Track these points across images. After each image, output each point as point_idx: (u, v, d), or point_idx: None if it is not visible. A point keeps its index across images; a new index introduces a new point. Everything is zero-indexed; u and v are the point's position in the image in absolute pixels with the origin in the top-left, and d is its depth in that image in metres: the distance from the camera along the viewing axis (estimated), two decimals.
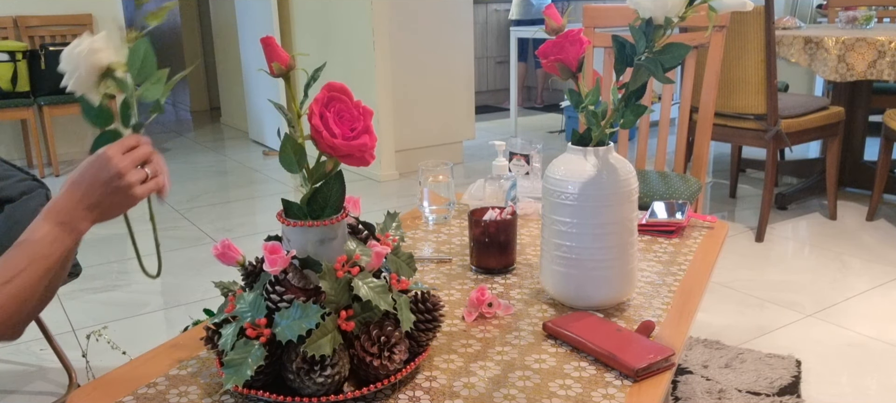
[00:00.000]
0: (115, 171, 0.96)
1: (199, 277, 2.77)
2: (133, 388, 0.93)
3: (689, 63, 2.10)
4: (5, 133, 4.82)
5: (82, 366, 2.02)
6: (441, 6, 4.38)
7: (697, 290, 1.20)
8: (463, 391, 0.91)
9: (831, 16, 4.36)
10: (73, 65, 0.94)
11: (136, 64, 0.97)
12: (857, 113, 3.55)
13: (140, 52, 0.97)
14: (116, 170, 0.96)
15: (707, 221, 1.53)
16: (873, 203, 3.25)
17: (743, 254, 2.91)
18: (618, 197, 1.08)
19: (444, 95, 4.53)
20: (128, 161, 0.97)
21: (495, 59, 7.40)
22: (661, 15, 0.98)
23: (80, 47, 0.94)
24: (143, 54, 0.97)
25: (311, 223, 0.90)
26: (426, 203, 1.59)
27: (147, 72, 0.97)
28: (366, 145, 0.89)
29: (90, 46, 0.94)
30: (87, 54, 0.94)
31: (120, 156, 0.97)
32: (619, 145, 2.24)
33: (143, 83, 0.97)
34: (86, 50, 0.94)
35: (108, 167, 0.96)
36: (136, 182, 0.97)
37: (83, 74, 0.95)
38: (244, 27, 5.32)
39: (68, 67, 0.95)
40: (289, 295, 0.86)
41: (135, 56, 0.97)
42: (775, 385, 1.92)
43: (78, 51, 0.94)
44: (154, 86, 0.97)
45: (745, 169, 4.17)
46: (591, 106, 1.09)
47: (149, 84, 0.97)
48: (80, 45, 0.94)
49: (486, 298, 1.11)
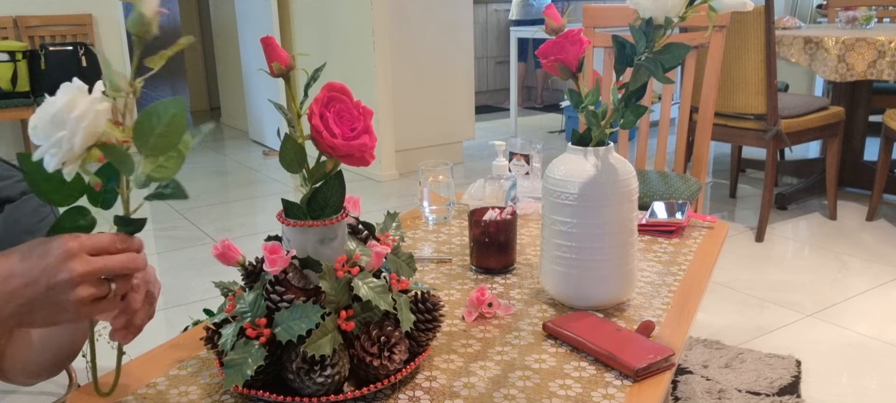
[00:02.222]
0: (68, 277, 0.68)
1: (199, 277, 2.76)
2: (133, 388, 0.93)
3: (689, 63, 2.10)
4: (5, 133, 4.82)
5: (82, 366, 2.01)
6: (441, 6, 4.38)
7: (697, 290, 1.20)
8: (463, 391, 0.91)
9: (831, 16, 4.36)
10: (69, 132, 0.65)
11: (150, 136, 0.67)
12: (857, 113, 3.55)
13: (162, 119, 0.67)
14: (70, 276, 0.68)
15: (707, 221, 1.52)
16: (873, 203, 3.25)
17: (743, 254, 2.91)
18: (618, 197, 1.08)
19: (444, 95, 4.53)
20: (89, 267, 0.69)
21: (495, 59, 7.40)
22: (661, 15, 0.98)
23: (77, 108, 0.65)
24: (166, 123, 0.67)
25: (311, 223, 0.90)
26: (426, 203, 1.59)
27: (167, 145, 0.68)
28: (366, 145, 0.89)
29: (91, 107, 0.66)
30: (87, 116, 0.66)
31: (84, 257, 0.69)
32: (619, 145, 2.24)
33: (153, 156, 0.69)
34: (86, 111, 0.66)
35: (62, 267, 0.68)
36: (86, 298, 0.69)
37: (78, 146, 0.66)
38: (244, 27, 5.32)
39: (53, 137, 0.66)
40: (289, 295, 0.86)
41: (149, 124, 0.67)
42: (775, 385, 1.92)
43: (75, 115, 0.65)
44: (170, 162, 0.69)
45: (745, 169, 4.17)
46: (591, 106, 1.09)
47: (163, 159, 0.68)
48: (74, 105, 0.66)
49: (486, 298, 1.11)
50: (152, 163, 0.68)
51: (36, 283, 0.68)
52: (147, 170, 0.68)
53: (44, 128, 0.66)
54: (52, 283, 0.67)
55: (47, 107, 0.67)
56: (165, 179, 0.69)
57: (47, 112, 0.66)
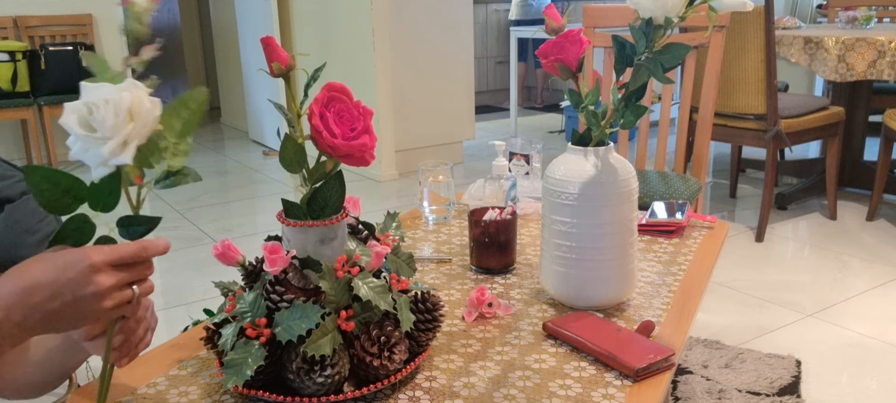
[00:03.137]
0: (95, 291, 0.68)
1: (199, 277, 2.76)
2: (133, 388, 0.93)
3: (689, 63, 2.10)
4: (5, 133, 4.82)
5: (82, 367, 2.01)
6: (441, 6, 4.38)
7: (697, 290, 1.20)
8: (463, 391, 0.91)
9: (831, 16, 4.36)
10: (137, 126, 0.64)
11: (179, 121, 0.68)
12: (857, 113, 3.55)
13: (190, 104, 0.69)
14: (97, 290, 0.68)
15: (707, 221, 1.53)
16: (873, 203, 3.25)
17: (743, 254, 2.91)
18: (618, 197, 1.08)
19: (444, 95, 4.53)
20: (115, 279, 0.69)
21: (495, 59, 7.40)
22: (661, 15, 0.98)
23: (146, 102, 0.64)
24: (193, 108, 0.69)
25: (311, 223, 0.90)
26: (426, 203, 1.59)
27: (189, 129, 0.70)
28: (366, 145, 0.89)
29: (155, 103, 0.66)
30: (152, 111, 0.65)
31: (109, 270, 0.69)
32: (619, 145, 2.24)
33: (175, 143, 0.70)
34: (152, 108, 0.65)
35: (88, 281, 0.67)
36: (112, 307, 0.70)
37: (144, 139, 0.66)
38: (244, 27, 5.32)
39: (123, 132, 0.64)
40: (289, 295, 0.86)
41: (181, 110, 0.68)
42: (775, 385, 1.92)
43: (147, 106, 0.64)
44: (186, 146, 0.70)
45: (745, 169, 4.17)
46: (591, 106, 1.09)
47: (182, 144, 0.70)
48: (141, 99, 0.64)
49: (486, 298, 1.11)
50: (175, 145, 0.69)
51: (62, 296, 0.67)
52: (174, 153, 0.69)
53: (113, 127, 0.63)
54: (79, 296, 0.67)
55: (110, 107, 0.63)
56: (182, 161, 0.70)
57: (112, 111, 0.63)
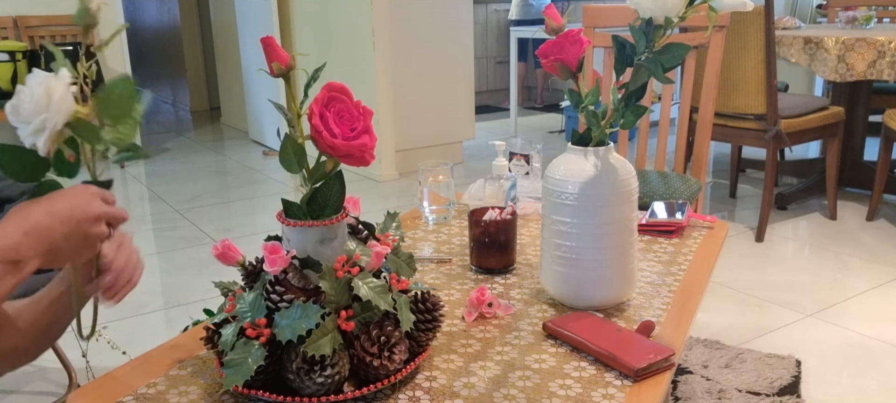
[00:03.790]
0: (95, 215, 0.82)
1: (199, 277, 2.76)
2: (133, 388, 0.93)
3: (689, 63, 2.10)
4: (5, 133, 4.82)
5: (82, 366, 2.01)
6: (441, 6, 4.38)
7: (697, 290, 1.20)
8: (463, 391, 0.91)
9: (831, 16, 4.36)
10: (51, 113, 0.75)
11: (109, 108, 0.80)
12: (857, 113, 3.55)
13: (115, 92, 0.80)
14: (96, 215, 0.82)
15: (707, 221, 1.53)
16: (873, 203, 3.25)
17: (743, 254, 2.91)
18: (618, 197, 1.08)
19: (444, 95, 4.53)
20: (106, 209, 0.85)
21: (495, 59, 7.40)
22: (661, 15, 0.98)
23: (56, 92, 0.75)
24: (118, 95, 0.80)
25: (311, 223, 0.90)
26: (426, 203, 1.59)
27: (122, 115, 0.81)
28: (366, 145, 0.89)
29: (66, 90, 0.77)
30: (66, 98, 0.76)
31: (101, 202, 0.84)
32: (619, 145, 2.24)
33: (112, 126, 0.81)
34: (63, 93, 0.76)
35: (90, 208, 0.82)
36: (103, 234, 0.84)
37: (60, 124, 0.76)
38: (244, 27, 5.32)
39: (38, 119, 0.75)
40: (289, 295, 0.86)
41: (109, 99, 0.81)
42: (775, 385, 1.92)
43: (56, 97, 0.75)
44: (128, 128, 0.81)
45: (745, 169, 4.17)
46: (591, 106, 1.09)
47: (118, 122, 0.81)
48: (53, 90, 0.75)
49: (486, 298, 1.11)
50: (112, 132, 0.81)
51: (70, 221, 0.80)
52: (108, 136, 0.80)
53: (27, 114, 0.75)
54: (86, 217, 0.81)
55: (26, 93, 0.76)
56: (126, 143, 0.82)
57: (28, 100, 0.75)
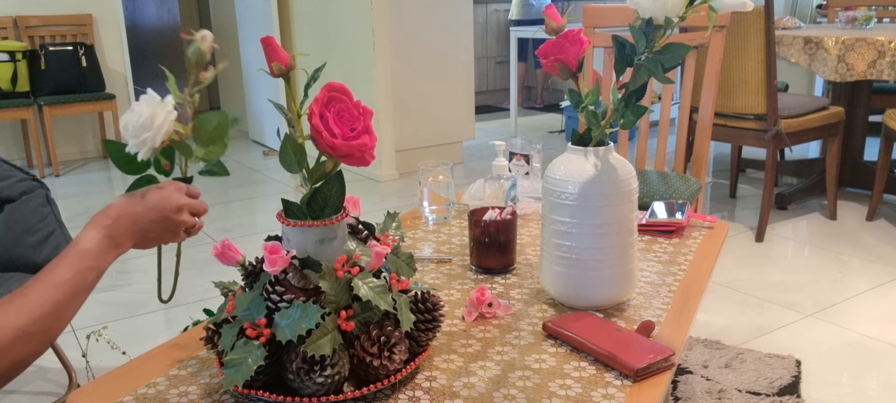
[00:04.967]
0: (178, 206, 1.00)
1: (199, 277, 2.76)
2: (133, 388, 0.93)
3: (689, 63, 2.10)
4: (5, 133, 4.82)
5: (82, 366, 2.02)
6: (441, 6, 4.38)
7: (697, 290, 1.20)
8: (463, 391, 0.91)
9: (831, 16, 4.36)
10: (152, 134, 0.92)
11: (205, 134, 0.97)
12: (857, 113, 3.55)
13: (212, 123, 0.97)
14: (179, 206, 1.00)
15: (707, 221, 1.53)
16: (873, 203, 3.25)
17: (743, 254, 2.91)
18: (618, 197, 1.08)
19: (444, 95, 4.53)
20: (192, 205, 1.03)
21: (495, 59, 7.40)
22: (661, 15, 0.98)
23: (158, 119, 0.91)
24: (214, 125, 0.97)
25: (311, 223, 0.90)
26: (426, 203, 1.59)
27: (214, 140, 0.98)
28: (366, 145, 0.89)
29: (167, 117, 0.92)
30: (165, 124, 0.92)
31: (184, 196, 1.02)
32: (619, 145, 2.24)
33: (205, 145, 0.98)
34: (164, 120, 0.92)
35: (175, 200, 0.99)
36: (188, 224, 1.02)
37: (158, 143, 0.93)
38: (244, 27, 5.32)
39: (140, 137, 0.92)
40: (289, 295, 0.86)
41: (204, 126, 0.97)
42: (775, 385, 1.92)
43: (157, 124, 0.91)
44: (217, 149, 0.98)
45: (745, 169, 4.17)
46: (591, 106, 1.09)
47: (211, 145, 0.97)
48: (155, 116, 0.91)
49: (486, 298, 1.11)
50: (203, 151, 0.97)
51: (159, 210, 0.98)
52: (200, 154, 0.97)
53: (134, 131, 0.92)
54: (172, 209, 0.99)
55: (135, 117, 0.92)
56: (213, 161, 0.98)
57: (136, 120, 0.91)
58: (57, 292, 0.87)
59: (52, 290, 0.87)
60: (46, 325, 0.86)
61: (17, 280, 1.51)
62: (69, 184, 4.38)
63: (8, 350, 0.83)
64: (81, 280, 0.90)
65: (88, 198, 4.04)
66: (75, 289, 0.89)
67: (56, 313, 0.87)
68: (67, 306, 0.89)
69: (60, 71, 4.54)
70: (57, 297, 0.87)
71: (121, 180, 4.48)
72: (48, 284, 0.87)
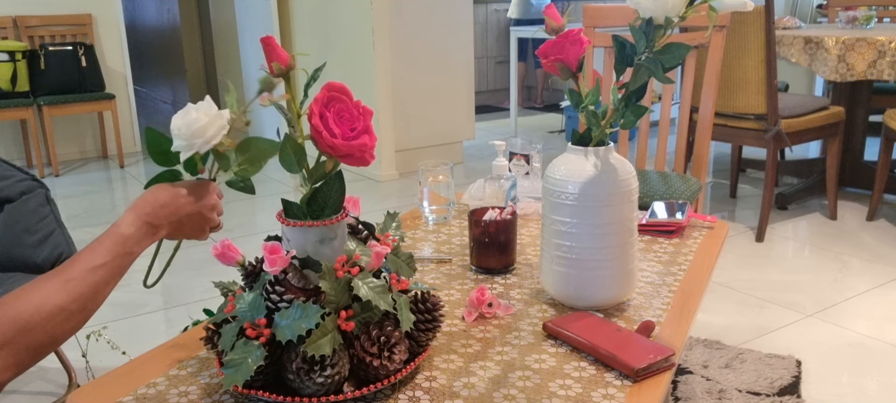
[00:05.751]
0: (213, 204, 1.04)
1: (199, 277, 2.76)
2: (133, 388, 0.93)
3: (689, 63, 2.09)
4: (5, 133, 4.82)
5: (82, 366, 2.01)
6: (441, 6, 4.38)
7: (697, 290, 1.20)
8: (463, 391, 0.91)
9: (831, 16, 4.36)
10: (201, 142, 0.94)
11: (249, 152, 0.99)
12: (857, 113, 3.55)
13: (259, 147, 0.99)
14: (213, 204, 1.05)
15: (707, 221, 1.52)
16: (873, 203, 3.25)
17: (743, 254, 2.91)
18: (618, 197, 1.08)
19: (444, 95, 4.53)
20: (217, 202, 1.07)
21: (495, 59, 7.40)
22: (662, 15, 0.98)
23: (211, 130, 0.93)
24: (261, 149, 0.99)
25: (311, 223, 0.90)
26: (426, 203, 1.59)
27: (254, 161, 1.00)
28: (366, 145, 0.89)
29: (219, 131, 0.94)
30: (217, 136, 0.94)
31: (216, 197, 1.06)
32: (619, 145, 2.24)
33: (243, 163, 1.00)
34: (216, 132, 0.93)
35: (209, 196, 1.03)
36: (215, 221, 1.07)
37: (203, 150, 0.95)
38: (244, 27, 5.32)
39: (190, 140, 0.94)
40: (289, 295, 0.86)
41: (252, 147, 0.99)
42: (775, 385, 1.92)
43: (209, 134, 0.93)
44: (252, 168, 1.00)
45: (745, 169, 4.17)
46: (591, 106, 1.09)
47: (249, 165, 1.00)
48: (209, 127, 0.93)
49: (486, 298, 1.11)
50: (241, 166, 0.99)
51: (195, 204, 1.01)
52: (236, 168, 0.99)
53: (187, 134, 0.93)
54: (205, 205, 1.02)
55: (190, 121, 0.92)
56: (247, 177, 0.99)
57: (190, 124, 0.92)
58: (95, 274, 0.89)
59: (91, 272, 0.89)
60: (84, 304, 0.88)
61: (17, 280, 1.51)
62: (69, 184, 4.38)
63: (47, 323, 0.85)
64: (118, 264, 0.92)
65: (88, 198, 4.04)
66: (112, 272, 0.91)
67: (93, 294, 0.89)
68: (104, 287, 0.91)
69: (60, 71, 4.54)
70: (95, 278, 0.89)
71: (120, 180, 4.48)
72: (88, 265, 0.89)
